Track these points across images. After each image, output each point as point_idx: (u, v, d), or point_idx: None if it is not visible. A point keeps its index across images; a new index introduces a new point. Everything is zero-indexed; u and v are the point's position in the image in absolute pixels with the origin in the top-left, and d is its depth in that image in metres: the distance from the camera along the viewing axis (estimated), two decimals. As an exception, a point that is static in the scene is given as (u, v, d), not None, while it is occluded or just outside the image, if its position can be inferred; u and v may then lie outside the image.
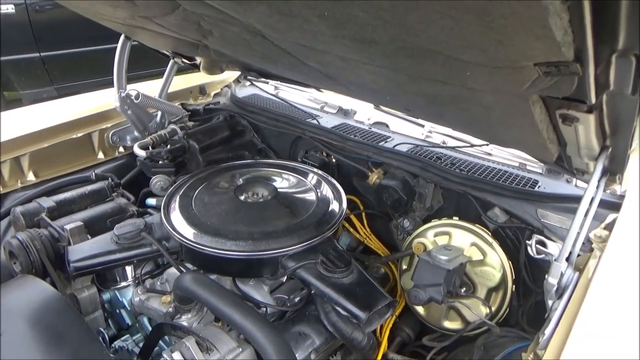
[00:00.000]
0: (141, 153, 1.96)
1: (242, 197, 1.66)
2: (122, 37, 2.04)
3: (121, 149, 2.26)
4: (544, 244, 1.27)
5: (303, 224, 1.51)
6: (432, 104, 1.15)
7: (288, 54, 1.28)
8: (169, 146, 2.06)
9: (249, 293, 1.50)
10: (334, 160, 2.03)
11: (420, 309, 1.66)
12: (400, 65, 0.95)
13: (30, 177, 1.95)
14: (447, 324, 1.61)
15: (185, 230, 1.47)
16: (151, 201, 1.93)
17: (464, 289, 1.53)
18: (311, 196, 1.68)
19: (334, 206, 1.63)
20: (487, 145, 1.79)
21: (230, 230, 1.45)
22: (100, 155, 2.19)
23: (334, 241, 1.52)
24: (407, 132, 2.10)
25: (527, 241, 1.28)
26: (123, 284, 1.67)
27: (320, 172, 1.87)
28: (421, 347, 1.72)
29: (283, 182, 1.79)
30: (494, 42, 0.60)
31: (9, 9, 4.28)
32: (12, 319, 1.11)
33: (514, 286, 1.54)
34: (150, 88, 2.29)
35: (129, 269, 1.68)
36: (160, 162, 2.04)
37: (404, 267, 1.71)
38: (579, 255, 1.36)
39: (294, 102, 2.33)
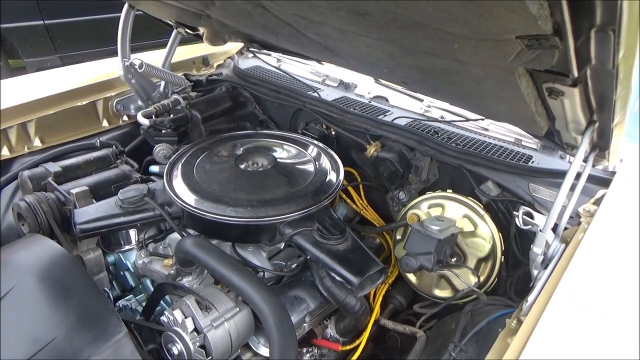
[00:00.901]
0: (144, 121, 1.99)
1: (242, 166, 1.70)
2: (125, 6, 2.05)
3: (125, 118, 2.31)
4: (530, 215, 1.31)
5: (301, 193, 1.56)
6: (426, 77, 1.18)
7: (288, 26, 1.30)
8: (171, 115, 2.09)
9: (247, 258, 1.56)
10: (333, 132, 2.06)
11: (412, 278, 1.72)
12: (393, 38, 0.98)
13: (37, 143, 2.00)
14: (438, 292, 1.68)
15: (187, 196, 1.52)
16: (154, 168, 1.98)
17: (455, 258, 1.58)
18: (310, 167, 1.73)
19: (332, 177, 1.68)
20: (483, 119, 1.81)
21: (231, 197, 1.50)
22: (105, 123, 2.23)
23: (330, 210, 1.57)
24: (407, 106, 2.13)
25: (515, 212, 1.32)
26: (127, 247, 1.73)
27: (319, 143, 1.91)
28: (413, 315, 1.79)
29: (283, 153, 1.83)
30: (475, 15, 0.63)
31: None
32: (21, 274, 1.17)
33: (503, 257, 1.59)
34: (154, 58, 2.31)
35: (132, 233, 1.74)
36: (163, 131, 2.08)
37: (398, 237, 1.77)
38: (566, 229, 1.42)
39: (296, 75, 2.36)
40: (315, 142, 1.93)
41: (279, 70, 2.43)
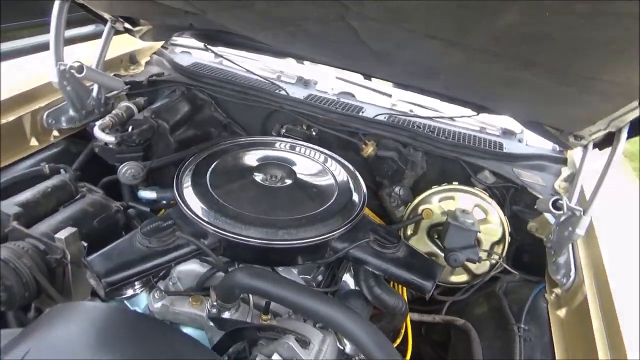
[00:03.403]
0: (108, 138, 1.67)
1: (259, 180, 1.55)
2: (58, -4, 1.66)
3: (55, 133, 1.89)
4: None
5: (339, 204, 1.49)
6: (502, 85, 1.23)
7: (350, 32, 1.21)
8: (131, 127, 1.79)
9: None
10: (314, 133, 2.00)
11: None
12: (514, 52, 1.00)
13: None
14: (454, 279, 1.79)
15: (224, 224, 1.34)
16: (147, 194, 1.66)
17: (473, 245, 1.70)
18: (326, 174, 1.65)
19: (353, 182, 1.64)
20: (476, 114, 1.94)
21: (275, 219, 1.37)
22: (34, 142, 1.80)
23: (370, 218, 1.54)
24: (375, 101, 2.17)
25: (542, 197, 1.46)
26: (130, 292, 1.46)
27: (321, 149, 1.82)
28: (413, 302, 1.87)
29: (293, 162, 1.70)
30: None
31: None
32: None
33: (509, 237, 1.76)
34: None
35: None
36: (121, 146, 1.77)
37: (409, 232, 1.82)
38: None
39: (253, 71, 2.20)
40: (315, 146, 1.83)
41: (237, 67, 2.23)
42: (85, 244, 1.39)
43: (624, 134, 1.31)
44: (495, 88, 1.26)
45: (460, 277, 1.79)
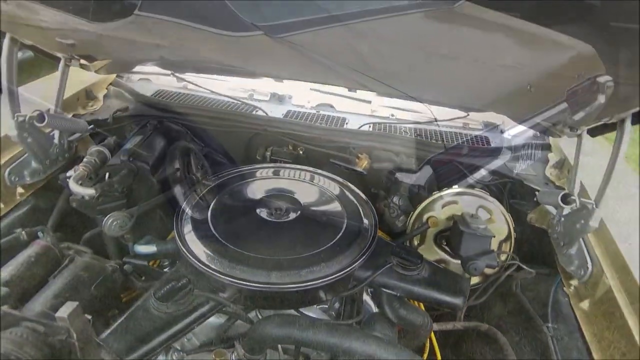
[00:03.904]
0: (88, 191, 1.51)
1: (265, 217, 1.46)
2: (6, 40, 1.49)
3: (20, 190, 1.71)
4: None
5: (353, 230, 1.43)
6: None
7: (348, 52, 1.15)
8: (108, 175, 1.64)
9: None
10: (301, 152, 1.92)
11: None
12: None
13: None
14: (466, 281, 1.78)
15: (243, 273, 1.24)
16: (145, 249, 1.50)
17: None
18: (328, 197, 1.58)
19: (357, 200, 1.58)
20: (466, 115, 1.93)
21: (295, 258, 1.29)
22: (-1, 205, 1.62)
23: (384, 239, 1.49)
24: (355, 110, 2.12)
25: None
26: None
27: (310, 168, 1.75)
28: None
29: (291, 189, 1.62)
30: None
31: None
32: None
33: (514, 233, 1.76)
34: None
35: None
36: (100, 198, 1.61)
37: (416, 242, 1.79)
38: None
39: (224, 93, 2.08)
40: (307, 167, 1.75)
41: (206, 90, 2.10)
42: (90, 317, 1.25)
43: (628, 123, 1.33)
44: (509, 95, 1.24)
45: (472, 280, 1.78)
